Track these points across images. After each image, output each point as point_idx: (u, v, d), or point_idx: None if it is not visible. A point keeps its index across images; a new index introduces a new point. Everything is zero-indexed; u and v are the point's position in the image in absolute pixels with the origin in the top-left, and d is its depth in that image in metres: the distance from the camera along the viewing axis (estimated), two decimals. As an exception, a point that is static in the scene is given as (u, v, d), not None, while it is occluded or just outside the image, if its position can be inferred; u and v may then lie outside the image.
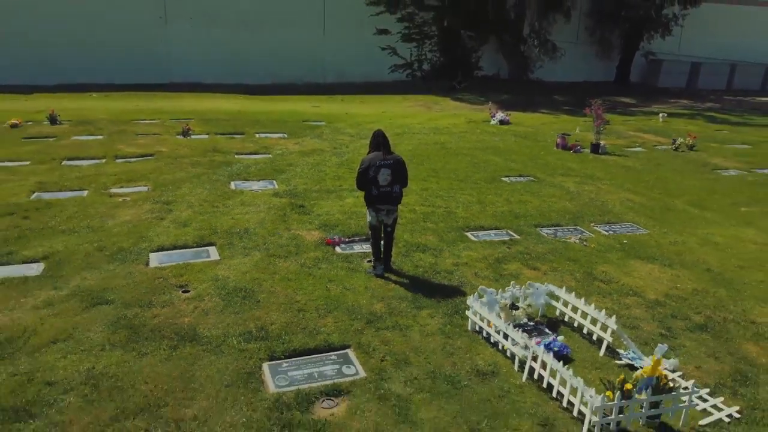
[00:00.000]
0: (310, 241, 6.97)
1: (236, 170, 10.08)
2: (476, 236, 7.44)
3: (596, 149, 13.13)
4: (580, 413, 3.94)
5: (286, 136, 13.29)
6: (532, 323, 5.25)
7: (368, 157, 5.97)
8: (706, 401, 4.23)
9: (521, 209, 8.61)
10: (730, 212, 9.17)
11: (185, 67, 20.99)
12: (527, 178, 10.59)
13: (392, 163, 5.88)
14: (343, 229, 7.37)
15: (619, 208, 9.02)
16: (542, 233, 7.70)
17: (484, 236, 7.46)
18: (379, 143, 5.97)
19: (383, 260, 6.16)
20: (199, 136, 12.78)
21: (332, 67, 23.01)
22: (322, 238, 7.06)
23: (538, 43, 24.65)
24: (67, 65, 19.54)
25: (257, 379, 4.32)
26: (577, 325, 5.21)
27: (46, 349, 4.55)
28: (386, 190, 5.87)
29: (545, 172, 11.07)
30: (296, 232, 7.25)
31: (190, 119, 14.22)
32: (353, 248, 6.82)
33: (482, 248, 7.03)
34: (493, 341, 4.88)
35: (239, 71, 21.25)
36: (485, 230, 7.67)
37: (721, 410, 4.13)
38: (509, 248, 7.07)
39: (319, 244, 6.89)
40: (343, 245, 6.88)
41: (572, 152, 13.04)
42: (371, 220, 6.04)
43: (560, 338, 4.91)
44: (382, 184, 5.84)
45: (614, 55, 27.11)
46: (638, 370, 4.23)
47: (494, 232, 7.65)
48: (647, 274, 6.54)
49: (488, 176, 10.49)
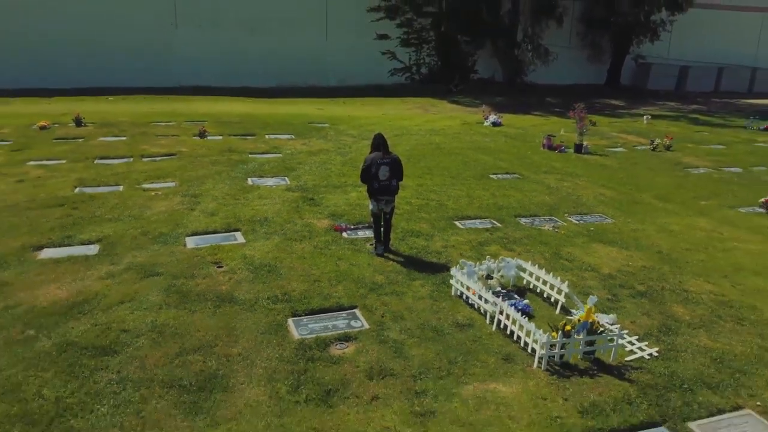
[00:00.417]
0: (320, 227, 8.17)
1: (251, 168, 11.28)
2: (463, 224, 8.63)
3: (579, 149, 14.30)
4: (533, 350, 5.14)
5: (293, 137, 14.47)
6: (504, 291, 6.43)
7: (370, 156, 7.18)
8: (633, 345, 5.42)
9: (504, 202, 9.80)
10: (690, 205, 10.37)
11: (193, 70, 21.92)
12: (513, 175, 11.78)
13: (390, 161, 7.10)
14: (348, 218, 8.57)
15: (591, 201, 10.22)
16: (521, 222, 8.90)
17: (470, 224, 8.65)
18: (379, 144, 7.19)
19: (383, 242, 7.37)
20: (214, 137, 13.94)
21: (334, 70, 24.03)
22: (330, 225, 8.26)
23: (531, 47, 25.80)
24: (82, 69, 20.54)
25: (284, 329, 5.52)
26: (539, 291, 6.41)
27: (116, 307, 5.75)
28: (385, 183, 7.08)
29: (530, 170, 12.26)
30: (308, 220, 8.45)
31: (203, 121, 15.35)
32: (357, 234, 8.01)
33: (468, 234, 8.23)
34: (470, 303, 6.07)
35: (245, 74, 22.22)
36: (471, 219, 8.87)
37: (644, 351, 5.32)
38: (491, 234, 8.28)
39: (328, 230, 8.09)
40: (348, 231, 8.08)
41: (557, 152, 14.17)
42: (373, 208, 7.25)
43: (525, 301, 6.10)
44: (381, 178, 7.05)
45: (605, 58, 28.23)
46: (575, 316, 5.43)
47: (479, 221, 8.84)
48: (606, 254, 7.74)
49: (478, 173, 11.68)
